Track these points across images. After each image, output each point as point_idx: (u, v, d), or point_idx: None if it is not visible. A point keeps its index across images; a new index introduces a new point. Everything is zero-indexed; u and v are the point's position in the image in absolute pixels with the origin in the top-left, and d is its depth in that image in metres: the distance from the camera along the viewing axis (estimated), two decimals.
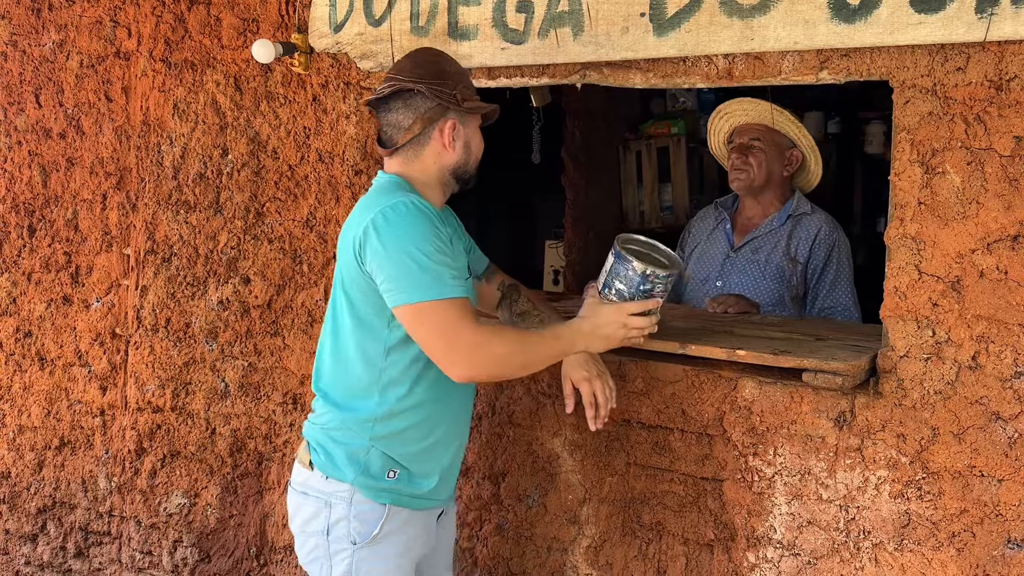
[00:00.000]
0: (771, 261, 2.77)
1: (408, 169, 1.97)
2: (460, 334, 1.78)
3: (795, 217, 2.80)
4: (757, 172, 2.80)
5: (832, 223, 2.79)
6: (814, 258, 2.73)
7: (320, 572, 1.97)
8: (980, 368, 1.82)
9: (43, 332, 3.27)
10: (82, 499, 3.22)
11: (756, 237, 2.83)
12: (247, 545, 2.91)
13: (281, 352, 2.81)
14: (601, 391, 1.99)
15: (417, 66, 1.94)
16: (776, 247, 2.78)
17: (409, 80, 1.91)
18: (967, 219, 1.82)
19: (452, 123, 1.93)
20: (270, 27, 2.76)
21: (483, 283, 2.20)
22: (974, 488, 1.83)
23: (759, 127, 2.82)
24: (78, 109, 3.19)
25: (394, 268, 1.80)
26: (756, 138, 2.81)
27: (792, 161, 2.83)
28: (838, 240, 2.75)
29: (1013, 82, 1.77)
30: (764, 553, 2.04)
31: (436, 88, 1.90)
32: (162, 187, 3.01)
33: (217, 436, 2.93)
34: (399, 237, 1.80)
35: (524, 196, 5.85)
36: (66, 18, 3.20)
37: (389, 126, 1.95)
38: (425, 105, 1.91)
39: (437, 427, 1.99)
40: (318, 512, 1.95)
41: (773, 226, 2.81)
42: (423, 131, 1.92)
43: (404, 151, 1.95)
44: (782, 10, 1.94)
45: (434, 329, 1.79)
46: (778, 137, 2.82)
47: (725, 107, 2.89)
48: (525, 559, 2.36)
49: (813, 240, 2.74)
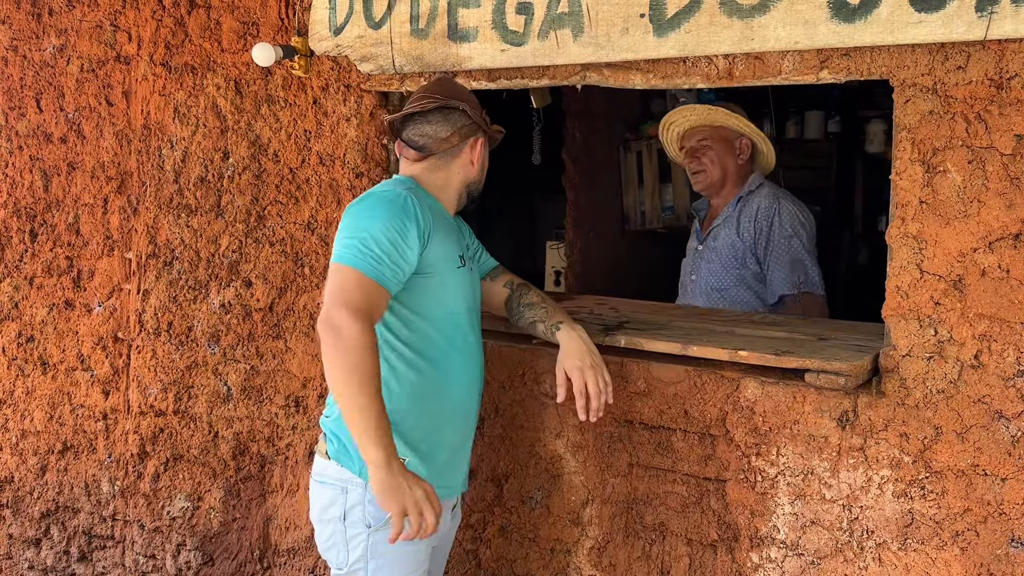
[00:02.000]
0: (725, 245, 2.87)
1: (429, 176, 2.09)
2: (348, 301, 1.82)
3: (744, 198, 2.89)
4: (712, 169, 2.94)
5: (772, 197, 2.84)
6: (758, 234, 2.81)
7: (338, 558, 2.01)
8: (983, 367, 1.82)
9: (45, 336, 3.28)
10: (85, 503, 3.22)
11: (715, 227, 2.94)
12: (250, 548, 2.91)
13: (283, 355, 2.81)
14: (593, 382, 2.01)
15: (451, 90, 2.12)
16: (729, 231, 2.88)
17: (451, 100, 2.07)
18: (968, 218, 1.82)
19: (481, 142, 2.12)
20: (270, 30, 2.76)
21: (488, 281, 2.26)
22: (977, 487, 1.82)
23: (703, 128, 2.95)
24: (79, 113, 3.19)
25: (347, 232, 1.92)
26: (703, 139, 2.94)
27: (743, 149, 2.93)
28: (778, 210, 2.79)
29: (1014, 80, 1.77)
30: (768, 553, 2.04)
31: (474, 110, 2.09)
32: (163, 191, 3.01)
33: (220, 439, 2.94)
34: (361, 212, 1.94)
35: (525, 197, 5.85)
36: (66, 23, 3.20)
37: (423, 136, 2.08)
38: (463, 122, 2.08)
39: (439, 408, 2.02)
40: (335, 499, 1.99)
41: (728, 212, 2.92)
42: (458, 144, 2.08)
43: (434, 159, 2.09)
44: (782, 10, 1.94)
45: (335, 285, 1.86)
46: (723, 131, 2.93)
47: (667, 119, 3.03)
48: (529, 561, 2.36)
49: (755, 217, 2.82)
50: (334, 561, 2.03)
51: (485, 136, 2.12)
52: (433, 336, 2.02)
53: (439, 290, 2.01)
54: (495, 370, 2.38)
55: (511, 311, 2.22)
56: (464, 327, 2.07)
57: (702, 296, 2.93)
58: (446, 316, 2.04)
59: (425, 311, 2.01)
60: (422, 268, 1.96)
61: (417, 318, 2.00)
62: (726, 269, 2.87)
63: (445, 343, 2.03)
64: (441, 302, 2.02)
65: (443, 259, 2.00)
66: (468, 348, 2.09)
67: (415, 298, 1.99)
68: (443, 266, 2.00)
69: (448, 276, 2.02)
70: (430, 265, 1.97)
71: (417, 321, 2.00)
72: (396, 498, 1.80)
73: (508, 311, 2.23)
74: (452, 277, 2.03)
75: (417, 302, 1.99)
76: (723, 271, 2.87)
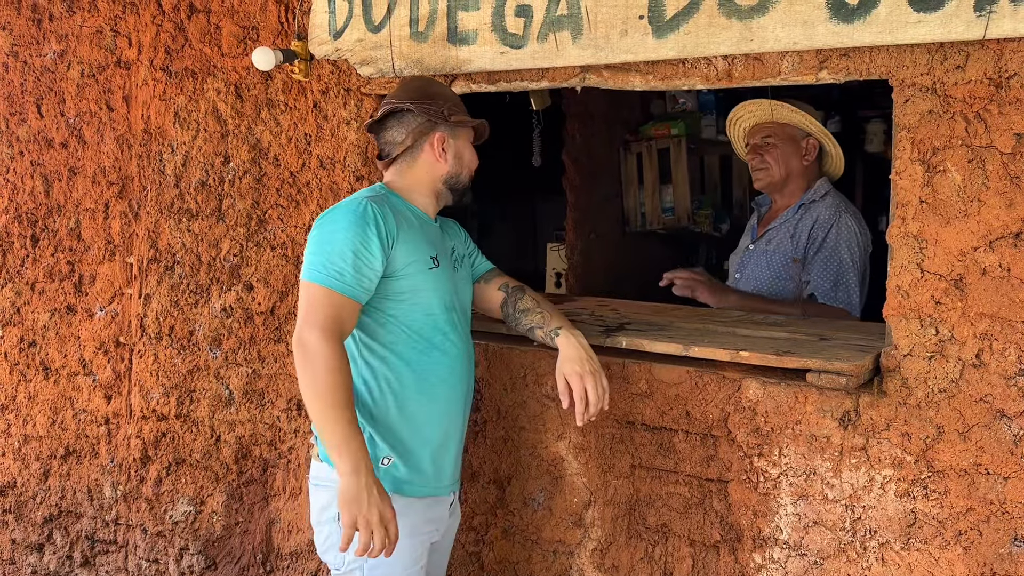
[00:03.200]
0: (778, 251, 2.80)
1: (401, 179, 2.14)
2: (317, 321, 1.89)
3: (806, 206, 2.81)
4: (775, 168, 2.84)
5: (834, 209, 2.76)
6: (810, 243, 2.74)
7: (335, 559, 2.02)
8: (984, 366, 1.82)
9: (47, 342, 3.28)
10: (88, 508, 3.22)
11: (772, 228, 2.87)
12: (253, 552, 2.91)
13: (285, 358, 2.81)
14: (593, 388, 2.01)
15: (407, 90, 2.15)
16: (784, 237, 2.81)
17: (400, 101, 2.11)
18: (969, 217, 1.82)
19: (441, 136, 2.12)
20: (270, 34, 2.77)
21: (483, 285, 2.27)
22: (980, 486, 1.82)
23: (769, 124, 2.86)
24: (79, 119, 3.20)
25: (311, 249, 1.98)
26: (768, 136, 2.85)
27: (809, 149, 2.84)
28: (836, 223, 2.72)
29: (1013, 79, 1.77)
30: (770, 554, 2.04)
31: (425, 106, 2.10)
32: (164, 195, 3.02)
33: (222, 443, 2.94)
34: (324, 227, 1.98)
35: (525, 199, 5.85)
36: (67, 28, 3.20)
37: (386, 143, 2.16)
38: (416, 121, 2.11)
39: (420, 408, 2.04)
40: (330, 500, 2.00)
41: (787, 217, 2.84)
42: (415, 144, 2.12)
43: (399, 162, 2.14)
44: (781, 11, 1.94)
45: (304, 303, 1.94)
46: (789, 130, 2.84)
47: (733, 113, 2.93)
48: (531, 563, 2.36)
49: (811, 227, 2.75)
50: (332, 562, 2.05)
51: (449, 129, 2.12)
52: (409, 336, 2.04)
53: (411, 292, 2.03)
54: (497, 372, 2.38)
55: (507, 316, 2.23)
56: (444, 327, 2.08)
57: None
58: (423, 317, 2.05)
59: (399, 312, 2.03)
60: (390, 271, 1.99)
61: (391, 320, 2.03)
62: (774, 277, 2.78)
63: (424, 343, 2.05)
64: (415, 303, 2.04)
65: (412, 261, 2.02)
66: (450, 348, 2.09)
67: (387, 300, 2.02)
68: (412, 268, 2.02)
69: (419, 278, 2.03)
70: (398, 269, 2.00)
71: (391, 322, 2.03)
72: (351, 509, 1.84)
73: (504, 316, 2.24)
74: (424, 278, 2.04)
75: (390, 304, 2.02)
76: (771, 278, 2.79)
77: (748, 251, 2.93)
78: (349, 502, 1.85)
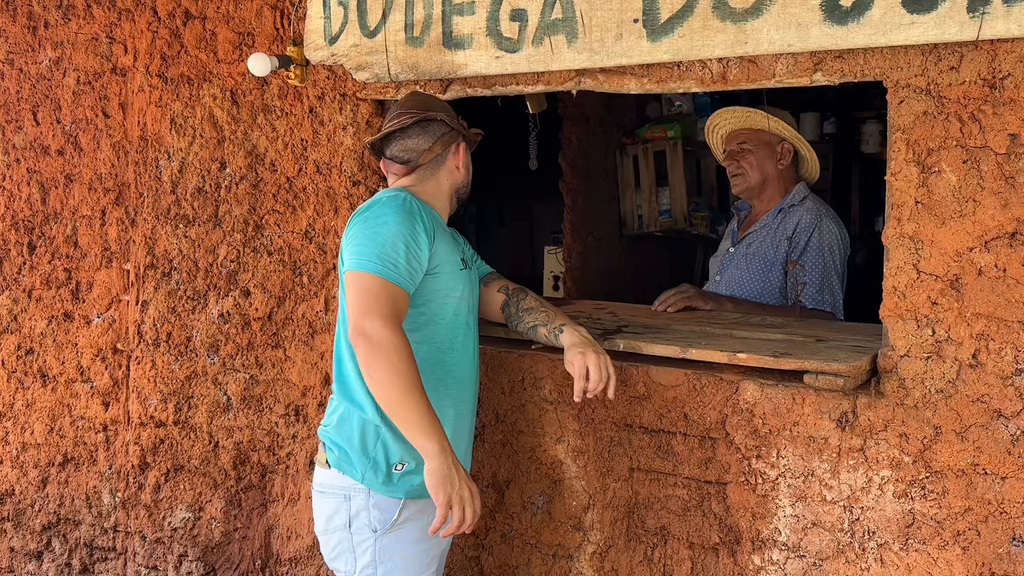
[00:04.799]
0: (758, 255, 2.84)
1: (420, 186, 2.14)
2: (377, 309, 1.86)
3: (786, 210, 2.85)
4: (751, 173, 2.89)
5: (814, 213, 2.80)
6: (792, 247, 2.77)
7: (346, 566, 2.02)
8: (981, 366, 1.82)
9: (45, 349, 3.28)
10: (87, 515, 3.22)
11: (751, 233, 2.91)
12: (252, 558, 2.91)
13: (283, 364, 2.81)
14: (595, 367, 2.00)
15: (426, 102, 2.19)
16: (764, 241, 2.85)
17: (428, 112, 2.14)
18: (964, 217, 1.83)
19: (463, 147, 2.18)
20: (266, 40, 2.77)
21: (483, 287, 2.28)
22: (978, 486, 1.83)
23: (745, 131, 2.92)
24: (76, 125, 3.20)
25: (359, 240, 1.95)
26: (743, 142, 2.90)
27: (784, 154, 2.89)
28: (818, 227, 2.76)
29: (1007, 80, 1.77)
30: (770, 555, 2.04)
31: (450, 117, 2.15)
32: (161, 201, 3.02)
33: (220, 449, 2.93)
34: (371, 219, 1.97)
35: (522, 202, 5.86)
36: (62, 35, 3.21)
37: (406, 150, 2.14)
38: (442, 130, 2.15)
39: (435, 407, 2.00)
40: (338, 507, 2.01)
41: (766, 221, 2.88)
42: (441, 153, 2.14)
43: (422, 170, 2.15)
44: (775, 13, 1.95)
45: (358, 294, 1.90)
46: (764, 135, 2.89)
47: (711, 120, 3.00)
48: (531, 567, 2.36)
49: (792, 232, 2.78)
50: (342, 569, 2.04)
51: (465, 140, 2.19)
52: (437, 336, 2.05)
53: (445, 291, 2.05)
54: (495, 376, 2.38)
55: (509, 316, 2.23)
56: (464, 328, 2.11)
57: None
58: (451, 317, 2.07)
59: (431, 311, 2.04)
60: (430, 268, 2.00)
61: (424, 319, 2.03)
62: (753, 279, 2.82)
63: (447, 343, 2.07)
64: (445, 303, 2.06)
65: (446, 261, 2.04)
66: (467, 349, 2.12)
67: (423, 298, 2.02)
68: (448, 267, 2.05)
69: (453, 278, 2.06)
70: (435, 266, 2.01)
71: (424, 321, 2.03)
72: (446, 488, 1.85)
73: (505, 316, 2.24)
74: (456, 279, 2.07)
75: (425, 302, 2.03)
76: (750, 280, 2.83)
77: (728, 254, 2.97)
78: (442, 482, 1.84)
